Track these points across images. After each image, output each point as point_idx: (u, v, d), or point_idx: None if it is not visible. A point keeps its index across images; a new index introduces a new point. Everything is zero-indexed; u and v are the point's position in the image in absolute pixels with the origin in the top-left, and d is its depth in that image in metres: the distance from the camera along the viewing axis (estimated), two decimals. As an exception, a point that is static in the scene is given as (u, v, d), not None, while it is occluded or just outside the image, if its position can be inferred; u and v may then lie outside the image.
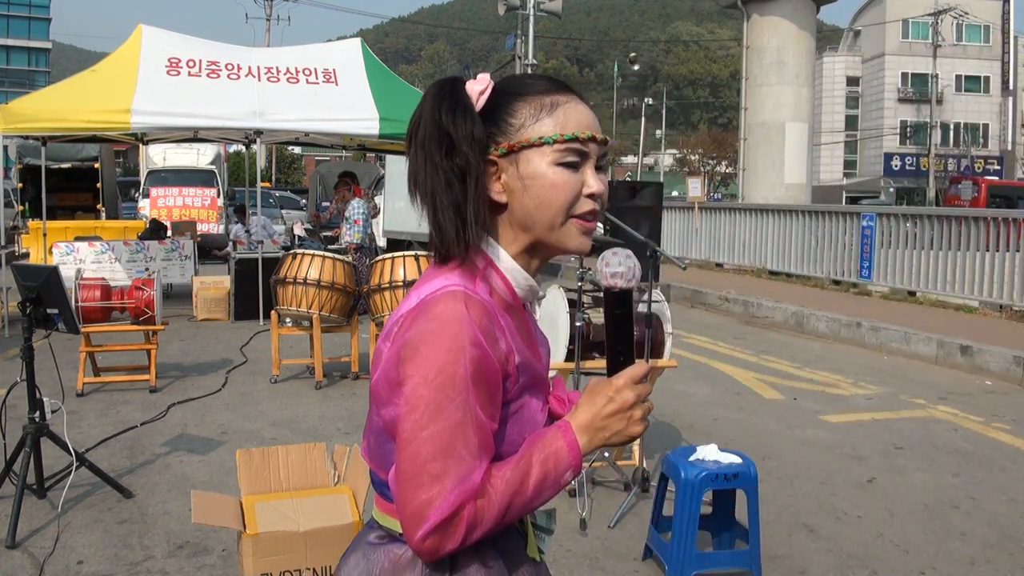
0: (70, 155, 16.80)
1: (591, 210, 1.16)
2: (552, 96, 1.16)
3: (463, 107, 1.12)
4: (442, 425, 1.05)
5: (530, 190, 1.13)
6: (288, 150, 42.82)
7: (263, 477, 3.04)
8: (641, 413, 1.14)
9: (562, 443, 1.12)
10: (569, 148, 1.13)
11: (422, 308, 1.09)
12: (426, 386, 1.05)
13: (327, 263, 6.33)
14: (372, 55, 10.05)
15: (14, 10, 67.35)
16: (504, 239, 1.18)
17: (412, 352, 1.07)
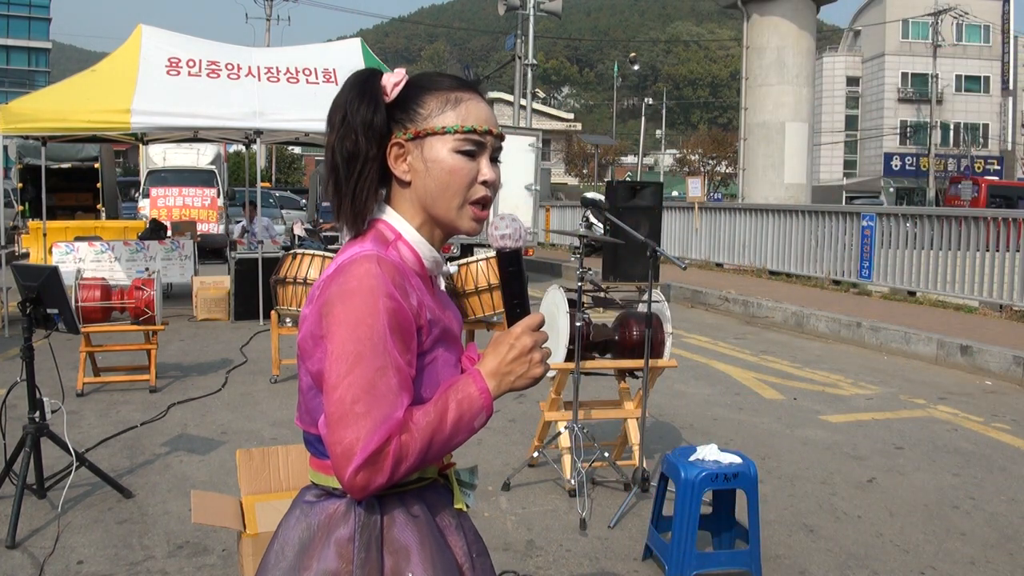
0: (70, 155, 16.81)
1: (483, 196, 1.31)
2: (457, 92, 1.31)
3: (369, 97, 1.28)
4: (364, 369, 1.16)
5: (431, 172, 1.29)
6: (288, 150, 42.80)
7: (263, 477, 3.04)
8: (540, 356, 1.27)
9: (473, 387, 1.24)
10: (467, 138, 1.29)
11: (340, 271, 1.22)
12: (348, 336, 1.17)
13: (327, 263, 6.32)
14: (372, 55, 10.06)
15: (14, 10, 67.35)
16: (407, 214, 1.32)
17: (332, 307, 1.19)
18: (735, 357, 7.68)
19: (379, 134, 1.28)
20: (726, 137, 53.65)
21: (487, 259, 6.65)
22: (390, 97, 1.30)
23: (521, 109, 22.68)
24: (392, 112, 1.30)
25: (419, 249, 1.32)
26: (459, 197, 1.30)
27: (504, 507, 3.93)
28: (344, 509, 1.27)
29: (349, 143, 1.27)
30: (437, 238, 1.35)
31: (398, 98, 1.30)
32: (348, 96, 1.29)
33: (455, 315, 1.40)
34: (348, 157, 1.27)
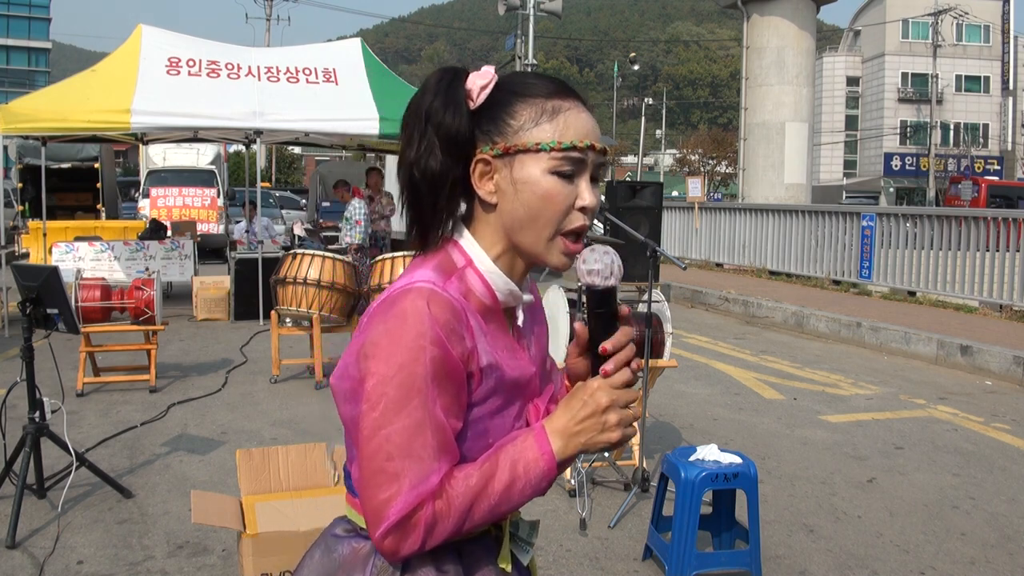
0: (70, 155, 16.79)
1: (580, 226, 1.12)
2: (555, 100, 1.12)
3: (455, 104, 1.10)
4: (400, 424, 1.03)
5: (521, 195, 1.10)
6: (288, 150, 42.84)
7: (263, 477, 3.04)
8: (617, 418, 1.08)
9: (534, 448, 1.08)
10: (566, 157, 1.10)
11: (387, 304, 1.08)
12: (385, 384, 1.04)
13: (327, 263, 6.33)
14: (372, 55, 10.06)
15: (14, 10, 67.35)
16: (487, 240, 1.15)
17: (373, 349, 1.06)
18: (735, 357, 7.68)
19: (464, 148, 1.10)
20: (726, 137, 53.66)
21: None
22: (476, 103, 1.11)
23: (521, 109, 22.65)
24: (478, 120, 1.11)
25: (492, 280, 1.14)
26: (551, 227, 1.11)
27: (504, 507, 3.92)
28: (367, 551, 1.16)
29: (434, 161, 1.09)
30: (519, 270, 1.17)
31: (485, 104, 1.11)
32: (429, 102, 1.10)
33: (533, 356, 1.22)
34: (431, 178, 1.09)
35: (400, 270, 6.21)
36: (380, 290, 6.20)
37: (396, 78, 10.27)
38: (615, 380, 1.09)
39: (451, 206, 1.12)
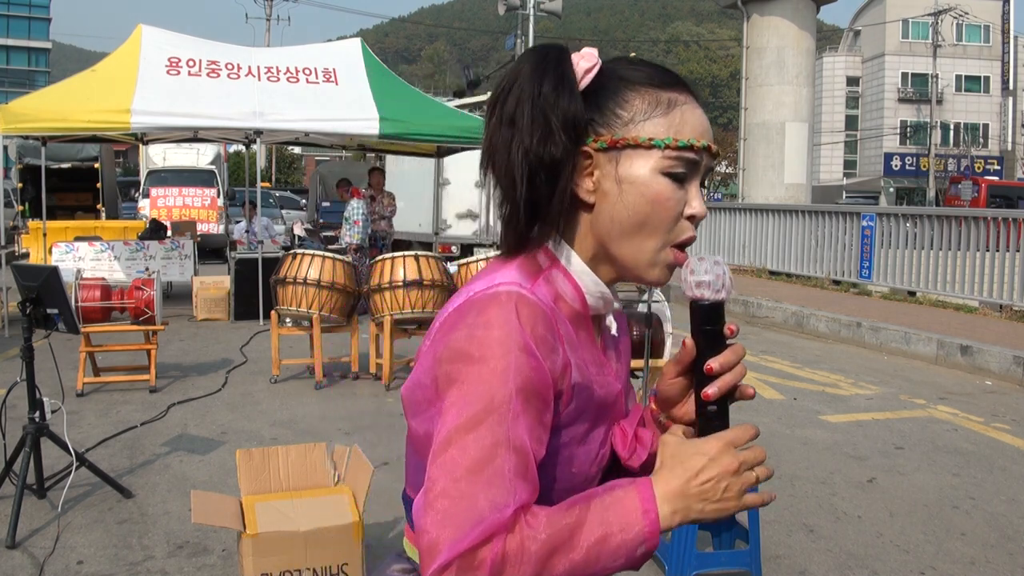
0: (70, 155, 16.79)
1: (689, 238, 1.00)
2: (669, 92, 0.99)
3: (568, 86, 0.95)
4: (474, 443, 0.87)
5: (626, 197, 0.97)
6: (288, 150, 42.85)
7: (263, 477, 3.04)
8: (743, 483, 0.91)
9: (635, 504, 0.88)
10: (681, 157, 0.97)
11: (468, 308, 0.94)
12: (463, 397, 0.89)
13: (327, 263, 6.34)
14: (372, 55, 10.06)
15: (14, 10, 67.37)
16: (578, 243, 1.01)
17: (451, 358, 0.92)
18: (735, 357, 7.67)
19: (580, 136, 0.96)
20: (726, 137, 53.63)
21: (487, 259, 6.66)
22: (579, 87, 0.98)
23: (521, 109, 22.66)
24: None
25: (582, 282, 1.01)
26: (658, 236, 0.98)
27: (504, 507, 3.92)
28: None
29: (552, 147, 0.94)
30: (606, 275, 1.03)
31: (588, 89, 0.98)
32: (539, 82, 0.95)
33: (618, 371, 1.09)
34: (548, 164, 0.94)
35: (400, 270, 6.24)
36: (380, 290, 6.20)
37: (396, 78, 10.28)
38: (740, 435, 0.92)
39: (563, 206, 0.98)
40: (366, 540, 2.94)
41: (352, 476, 3.05)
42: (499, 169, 0.97)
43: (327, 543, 2.80)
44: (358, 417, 5.50)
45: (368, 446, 4.65)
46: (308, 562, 2.77)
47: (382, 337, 6.30)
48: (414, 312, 6.24)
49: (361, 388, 6.31)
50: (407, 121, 9.13)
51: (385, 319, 6.22)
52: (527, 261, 0.99)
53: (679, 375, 1.01)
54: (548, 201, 0.96)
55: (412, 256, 6.36)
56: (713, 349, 0.97)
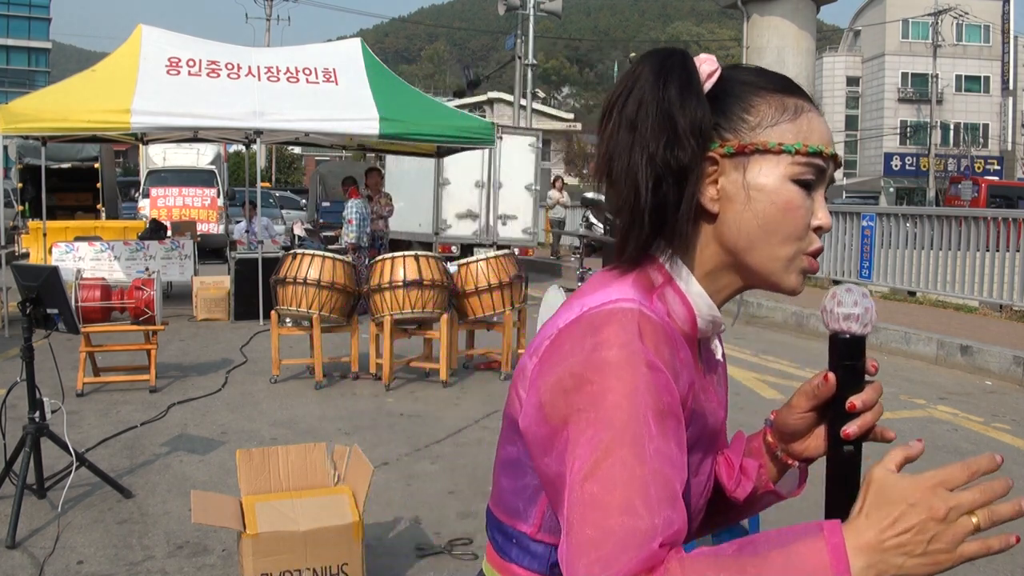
0: (70, 155, 16.80)
1: (818, 249, 0.96)
2: (794, 99, 0.96)
3: (695, 90, 0.92)
4: (612, 477, 0.80)
5: (755, 204, 0.93)
6: (288, 150, 42.85)
7: (263, 477, 3.04)
8: (951, 536, 0.77)
9: (823, 556, 0.75)
10: (810, 163, 0.93)
11: (583, 327, 0.88)
12: (592, 428, 0.82)
13: (327, 263, 6.34)
14: (372, 55, 10.06)
15: (14, 10, 67.38)
16: (698, 255, 0.96)
17: (571, 386, 0.85)
18: (735, 357, 7.68)
19: (706, 141, 0.92)
20: (726, 137, 53.65)
21: (487, 259, 6.66)
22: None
23: (521, 109, 22.70)
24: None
25: (695, 303, 0.96)
26: (790, 244, 0.94)
27: (504, 507, 3.92)
28: None
29: (681, 152, 0.89)
30: (723, 294, 0.99)
31: (711, 94, 0.95)
32: (663, 85, 0.91)
33: (722, 396, 1.04)
34: (676, 170, 0.90)
35: (400, 270, 6.24)
36: (380, 290, 6.20)
37: (396, 78, 10.28)
38: (952, 475, 0.79)
39: (693, 204, 0.93)
40: (366, 540, 2.94)
41: (352, 476, 3.05)
42: (619, 175, 0.93)
43: (327, 543, 2.80)
44: (358, 417, 5.50)
45: (368, 446, 4.65)
46: (308, 562, 2.77)
47: (382, 337, 6.30)
48: (414, 312, 6.24)
49: (361, 388, 6.31)
50: (407, 121, 9.13)
51: (385, 319, 6.22)
52: (641, 276, 0.94)
53: (811, 409, 0.96)
54: (675, 209, 0.91)
55: (412, 256, 6.36)
56: (854, 385, 0.92)
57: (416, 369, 6.88)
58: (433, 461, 4.59)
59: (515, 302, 6.66)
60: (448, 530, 3.64)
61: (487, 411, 5.65)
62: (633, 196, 0.91)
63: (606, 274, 0.97)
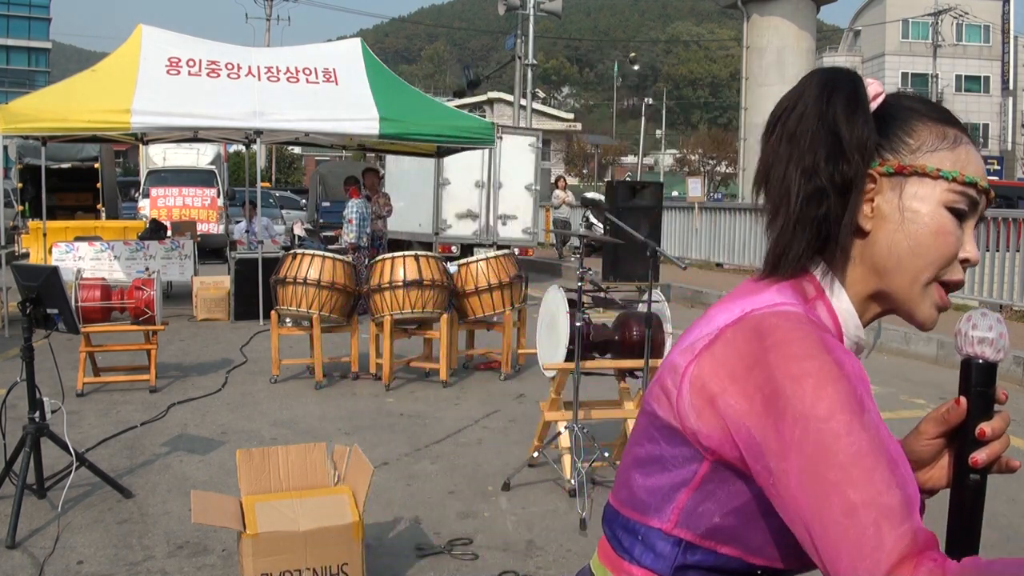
0: (70, 155, 16.79)
1: (959, 281, 0.97)
2: (953, 129, 0.97)
3: (862, 107, 0.94)
4: (853, 467, 0.79)
5: (908, 225, 0.94)
6: (288, 150, 42.85)
7: (263, 477, 3.04)
8: None
9: None
10: (965, 193, 0.94)
11: (757, 324, 0.89)
12: (811, 422, 0.81)
13: (327, 263, 6.34)
14: (372, 55, 10.06)
15: (14, 10, 67.37)
16: (847, 274, 0.97)
17: (766, 377, 0.85)
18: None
19: (869, 160, 0.94)
20: (726, 137, 53.68)
21: (487, 259, 6.66)
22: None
23: (521, 109, 22.70)
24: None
25: (844, 322, 0.96)
26: (932, 269, 0.95)
27: (504, 507, 3.93)
28: None
29: (846, 166, 0.92)
30: (865, 315, 0.99)
31: (875, 115, 0.97)
32: (830, 101, 0.94)
33: None
34: (840, 185, 0.92)
35: (400, 270, 6.24)
36: (380, 290, 6.20)
37: (396, 78, 10.28)
38: None
39: (853, 218, 0.95)
40: (366, 540, 2.94)
41: (352, 476, 3.05)
42: (779, 187, 0.96)
43: (327, 543, 2.80)
44: (358, 417, 5.50)
45: (368, 446, 4.65)
46: (308, 562, 2.77)
47: (382, 337, 6.30)
48: (414, 312, 6.24)
49: (361, 388, 6.31)
50: (407, 121, 9.13)
51: (385, 319, 6.22)
52: (795, 287, 0.95)
53: (939, 436, 0.96)
54: (837, 222, 0.93)
55: (412, 256, 6.36)
56: (984, 413, 0.91)
57: (416, 369, 6.88)
58: (433, 461, 4.59)
59: (515, 302, 6.66)
60: (448, 530, 3.64)
61: (487, 411, 5.65)
62: (791, 207, 0.94)
63: (756, 283, 0.98)
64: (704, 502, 0.92)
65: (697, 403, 0.90)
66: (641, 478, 0.97)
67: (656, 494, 0.95)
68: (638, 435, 0.99)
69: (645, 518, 0.96)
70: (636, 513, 0.97)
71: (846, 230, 0.93)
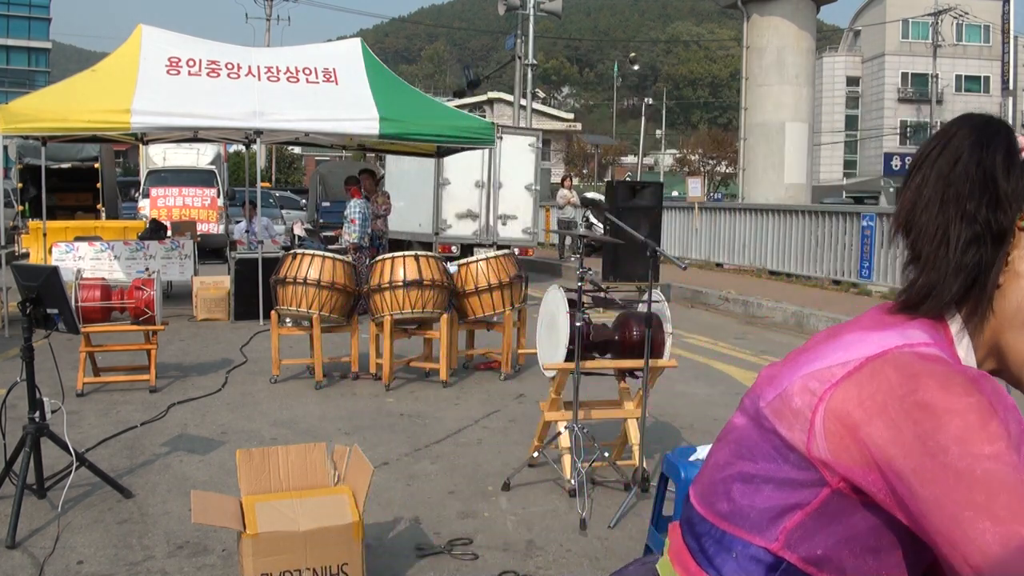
0: (70, 155, 16.79)
1: None
2: None
3: (1018, 158, 0.96)
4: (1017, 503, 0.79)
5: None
6: (288, 150, 42.85)
7: (263, 477, 3.04)
8: None
9: None
10: None
11: (905, 362, 0.89)
12: (973, 457, 0.82)
13: (327, 263, 6.34)
14: (372, 55, 10.06)
15: (14, 10, 67.37)
16: (974, 328, 0.97)
17: (925, 414, 0.84)
18: (735, 357, 7.68)
19: (1018, 209, 0.95)
20: (726, 137, 53.69)
21: (487, 259, 6.66)
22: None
23: (521, 109, 22.70)
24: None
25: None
26: None
27: (504, 507, 3.93)
28: None
29: (1003, 215, 0.94)
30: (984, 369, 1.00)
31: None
32: (986, 148, 0.95)
33: None
34: (996, 233, 0.94)
35: (400, 270, 6.24)
36: (380, 290, 6.20)
37: (396, 78, 10.27)
38: None
39: (1000, 267, 0.96)
40: (366, 540, 2.94)
41: (352, 476, 3.05)
42: (932, 228, 0.96)
43: (327, 543, 2.80)
44: (358, 417, 5.50)
45: (368, 446, 4.65)
46: (308, 562, 2.77)
47: (382, 337, 6.30)
48: (414, 312, 6.24)
49: (361, 388, 6.31)
50: (407, 121, 9.13)
51: (385, 319, 6.22)
52: (931, 329, 0.95)
53: None
54: (987, 270, 0.94)
55: (412, 256, 6.36)
56: None
57: (416, 369, 6.88)
58: (433, 461, 4.59)
59: (515, 302, 6.66)
60: (448, 530, 3.64)
61: (487, 411, 5.65)
62: (950, 251, 0.94)
63: (891, 315, 0.98)
64: (816, 528, 0.92)
65: (836, 430, 0.89)
66: (748, 494, 0.96)
67: (765, 513, 0.94)
68: (748, 449, 0.98)
69: (748, 534, 0.96)
70: (736, 528, 0.97)
71: (993, 279, 0.94)
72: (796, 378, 0.95)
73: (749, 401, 1.02)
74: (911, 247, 0.99)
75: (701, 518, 1.01)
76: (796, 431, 0.93)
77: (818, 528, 0.92)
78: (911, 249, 0.99)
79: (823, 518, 0.92)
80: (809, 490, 0.92)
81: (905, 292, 0.99)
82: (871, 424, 0.87)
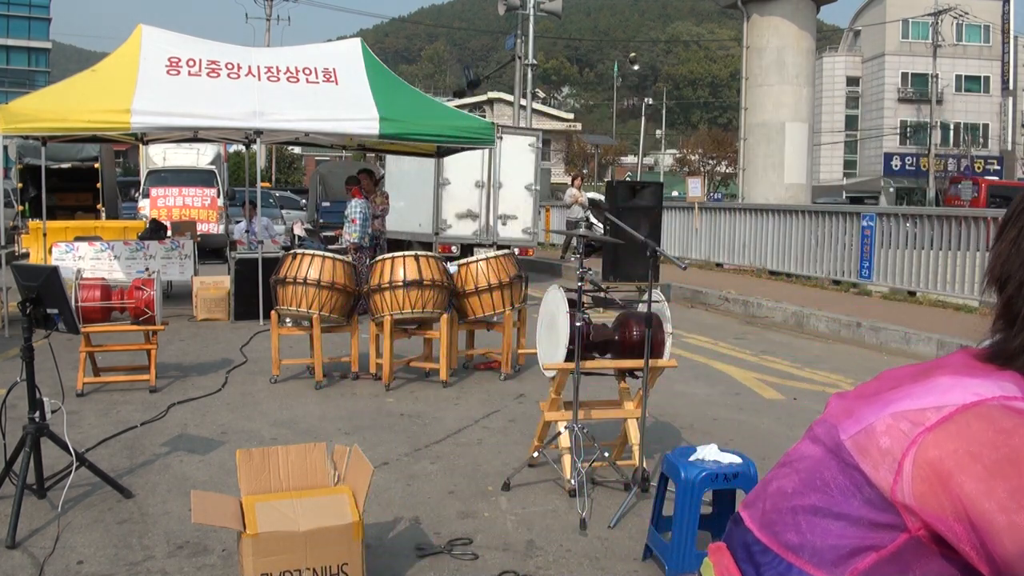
0: (70, 155, 16.79)
1: None
2: None
3: None
4: None
5: None
6: (288, 150, 42.86)
7: (263, 477, 3.04)
8: None
9: None
10: None
11: (1000, 415, 0.89)
12: None
13: (327, 263, 6.34)
14: (372, 55, 10.06)
15: (14, 10, 67.37)
16: None
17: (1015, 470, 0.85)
18: (735, 357, 7.68)
19: None
20: (726, 137, 53.71)
21: (487, 259, 6.66)
22: None
23: (521, 109, 22.70)
24: None
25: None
26: None
27: (504, 507, 3.93)
28: None
29: None
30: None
31: None
32: None
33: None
34: None
35: (400, 270, 6.24)
36: (380, 290, 6.20)
37: (396, 78, 10.27)
38: None
39: None
40: (366, 540, 2.94)
41: (352, 476, 3.05)
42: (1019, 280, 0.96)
43: (327, 543, 2.80)
44: (358, 417, 5.50)
45: (368, 446, 4.65)
46: (308, 562, 2.77)
47: (382, 337, 6.30)
48: (414, 312, 6.24)
49: (361, 388, 6.31)
50: (407, 121, 9.13)
51: (385, 319, 6.22)
52: (1022, 383, 0.94)
53: None
54: None
55: (412, 256, 6.36)
56: None
57: (416, 369, 6.88)
58: (433, 461, 4.59)
59: (515, 302, 6.66)
60: (448, 530, 3.64)
61: (487, 411, 5.65)
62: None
63: (982, 363, 0.97)
64: (888, 572, 0.92)
65: (926, 476, 0.89)
66: (819, 528, 0.96)
67: (837, 550, 0.94)
68: (824, 481, 0.98)
69: (816, 570, 0.95)
70: (804, 562, 0.96)
71: None
72: (883, 415, 0.94)
73: (823, 431, 1.01)
74: (1006, 303, 0.98)
75: (764, 548, 1.01)
76: (882, 471, 0.92)
77: (890, 573, 0.92)
78: (1005, 305, 0.98)
79: (897, 563, 0.92)
80: (886, 533, 0.92)
81: (998, 345, 0.98)
82: (963, 474, 0.87)
